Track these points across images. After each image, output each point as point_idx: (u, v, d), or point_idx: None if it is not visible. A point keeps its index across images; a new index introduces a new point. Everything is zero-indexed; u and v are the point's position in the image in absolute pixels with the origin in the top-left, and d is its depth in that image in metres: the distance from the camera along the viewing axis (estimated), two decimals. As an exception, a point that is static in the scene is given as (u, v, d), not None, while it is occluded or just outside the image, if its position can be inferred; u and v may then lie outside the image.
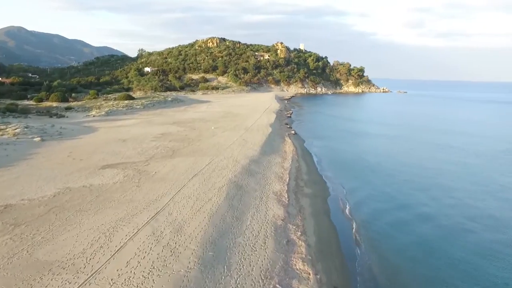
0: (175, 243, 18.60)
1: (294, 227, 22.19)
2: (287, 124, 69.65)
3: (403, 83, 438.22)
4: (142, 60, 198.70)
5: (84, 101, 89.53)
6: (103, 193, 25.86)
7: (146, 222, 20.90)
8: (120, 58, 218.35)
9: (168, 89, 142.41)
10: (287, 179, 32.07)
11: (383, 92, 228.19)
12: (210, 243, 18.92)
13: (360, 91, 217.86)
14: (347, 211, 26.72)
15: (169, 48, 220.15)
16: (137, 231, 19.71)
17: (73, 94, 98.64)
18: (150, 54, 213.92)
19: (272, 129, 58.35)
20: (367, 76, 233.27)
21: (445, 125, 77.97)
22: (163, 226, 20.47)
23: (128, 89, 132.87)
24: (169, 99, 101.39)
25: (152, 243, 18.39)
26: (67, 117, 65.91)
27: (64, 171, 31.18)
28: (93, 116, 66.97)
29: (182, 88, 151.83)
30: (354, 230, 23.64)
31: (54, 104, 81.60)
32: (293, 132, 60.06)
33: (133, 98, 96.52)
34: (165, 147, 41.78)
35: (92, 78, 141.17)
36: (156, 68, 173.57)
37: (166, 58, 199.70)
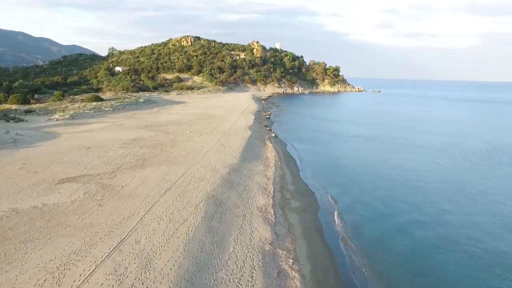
0: (142, 283, 15.09)
1: (284, 253, 19.13)
2: (266, 126, 66.74)
3: (377, 82, 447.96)
4: (113, 59, 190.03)
5: (47, 103, 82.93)
6: (57, 216, 21.82)
7: (107, 255, 17.22)
8: (89, 57, 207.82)
9: (141, 89, 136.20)
10: (272, 191, 29.02)
11: (358, 91, 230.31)
12: (186, 281, 15.54)
13: (336, 90, 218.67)
14: (340, 227, 23.98)
15: (142, 47, 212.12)
16: (94, 268, 16.03)
17: (35, 96, 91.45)
18: (121, 53, 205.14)
19: (252, 132, 55.21)
20: (343, 75, 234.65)
21: (421, 124, 77.66)
22: (128, 260, 16.87)
23: (98, 90, 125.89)
24: (141, 100, 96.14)
25: (112, 286, 14.79)
26: (26, 121, 60.03)
27: (13, 187, 26.73)
28: (56, 120, 61.43)
29: (155, 89, 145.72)
30: (350, 251, 20.87)
31: (14, 106, 74.82)
32: (273, 135, 57.20)
33: (102, 100, 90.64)
34: (135, 155, 37.73)
35: (59, 78, 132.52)
36: (127, 68, 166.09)
37: (138, 57, 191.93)
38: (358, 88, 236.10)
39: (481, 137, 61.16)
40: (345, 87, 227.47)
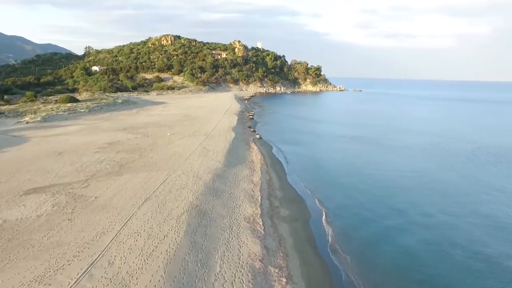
0: (115, 317, 13.02)
1: (276, 271, 17.39)
2: (250, 127, 64.92)
3: (358, 82, 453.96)
4: (90, 59, 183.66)
5: (18, 105, 78.34)
6: (19, 234, 19.34)
7: (75, 282, 15.02)
8: (64, 56, 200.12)
9: (119, 89, 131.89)
10: (259, 198, 27.24)
11: (340, 90, 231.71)
12: (167, 311, 13.57)
13: (318, 90, 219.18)
14: (333, 237, 22.46)
15: (120, 46, 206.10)
16: (59, 300, 13.83)
17: (5, 96, 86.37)
18: (98, 52, 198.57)
19: (235, 133, 53.27)
20: (324, 75, 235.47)
21: (404, 124, 77.76)
22: (100, 287, 14.72)
23: (73, 90, 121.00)
24: (120, 101, 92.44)
25: (79, 322, 12.66)
26: (-7, 124, 56.03)
27: (-30, 201, 23.90)
28: (26, 123, 57.65)
29: (134, 89, 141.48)
30: (345, 265, 19.36)
31: (-20, 108, 70.11)
32: (258, 136, 55.45)
33: (77, 101, 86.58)
34: (111, 161, 35.18)
35: (31, 78, 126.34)
36: (105, 67, 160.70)
37: (116, 56, 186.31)
38: (340, 88, 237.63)
39: (463, 137, 61.40)
40: (326, 87, 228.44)
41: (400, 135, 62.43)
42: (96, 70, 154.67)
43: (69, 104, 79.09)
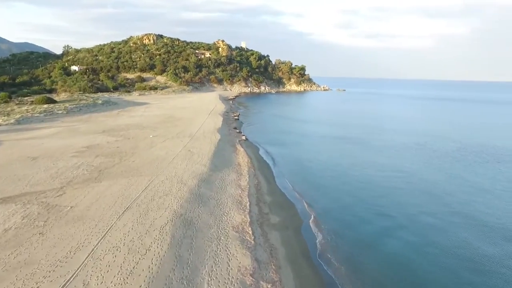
0: None
1: (269, 287, 16.09)
2: (235, 128, 63.48)
3: (341, 81, 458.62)
4: (69, 58, 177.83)
5: (-10, 106, 74.35)
6: (-18, 252, 17.38)
7: (44, 309, 13.32)
8: (42, 55, 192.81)
9: (100, 90, 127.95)
10: (248, 204, 25.90)
11: (324, 90, 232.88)
12: None
13: (302, 89, 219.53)
14: (326, 246, 21.35)
15: (100, 45, 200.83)
16: (25, 331, 12.13)
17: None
18: (77, 51, 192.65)
19: (221, 135, 51.76)
20: (308, 74, 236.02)
21: (390, 123, 77.92)
22: (72, 314, 13.09)
23: (51, 91, 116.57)
24: (100, 101, 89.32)
25: None
26: (-38, 127, 52.69)
27: None
28: (-1, 126, 54.48)
29: (115, 89, 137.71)
30: (341, 277, 18.27)
31: (-51, 110, 66.14)
32: (243, 138, 54.07)
33: (55, 102, 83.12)
34: (90, 166, 33.15)
35: (6, 78, 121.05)
36: (85, 67, 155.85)
37: (96, 55, 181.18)
38: (324, 87, 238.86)
39: (447, 136, 61.71)
40: (311, 86, 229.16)
41: (385, 134, 62.29)
42: (75, 70, 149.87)
43: (45, 106, 75.72)
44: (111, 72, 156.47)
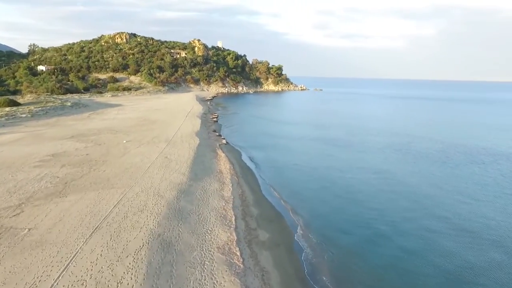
0: None
1: (265, 325, 13.82)
2: (215, 131, 60.81)
3: (318, 81, 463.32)
4: (35, 57, 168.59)
5: None
6: None
7: None
8: (5, 54, 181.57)
9: (69, 91, 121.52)
10: (233, 219, 23.51)
11: (301, 90, 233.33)
12: None
13: (280, 89, 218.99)
14: (322, 265, 19.35)
15: (69, 44, 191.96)
16: None
17: None
18: (45, 50, 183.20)
19: (200, 139, 49.01)
20: (285, 74, 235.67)
21: (371, 123, 77.56)
22: None
23: (16, 92, 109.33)
24: (69, 103, 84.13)
25: None
26: None
27: None
28: (-48, 132, 49.32)
29: (86, 90, 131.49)
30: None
31: None
32: (224, 141, 51.53)
33: (18, 104, 77.39)
34: (54, 178, 29.72)
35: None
36: (53, 67, 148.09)
37: (65, 55, 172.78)
38: (301, 87, 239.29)
39: (430, 136, 61.63)
40: (288, 86, 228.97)
41: (366, 135, 61.48)
42: (42, 70, 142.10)
43: (7, 108, 70.15)
44: (81, 72, 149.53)
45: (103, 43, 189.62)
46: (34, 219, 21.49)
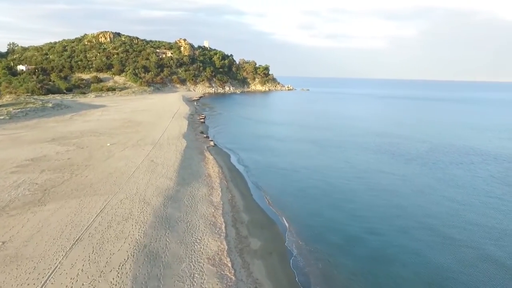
0: None
1: None
2: (202, 132, 59.60)
3: (304, 81, 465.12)
4: (15, 57, 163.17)
5: None
6: None
7: None
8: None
9: (50, 91, 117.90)
10: (223, 226, 22.55)
11: (288, 90, 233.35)
12: None
13: (267, 89, 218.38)
14: (314, 273, 18.61)
15: (51, 43, 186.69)
16: None
17: None
18: (25, 49, 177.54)
19: (187, 141, 47.78)
20: (272, 74, 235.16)
21: (357, 122, 77.54)
22: None
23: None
24: (50, 105, 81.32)
25: None
26: None
27: None
28: None
29: (69, 90, 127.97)
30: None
31: None
32: (212, 143, 50.40)
33: (-4, 105, 74.23)
34: (32, 184, 28.16)
35: None
36: (33, 66, 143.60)
37: (47, 54, 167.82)
38: (288, 87, 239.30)
39: (417, 136, 61.89)
40: (275, 86, 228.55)
41: (355, 136, 61.29)
42: (22, 70, 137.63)
43: (-15, 110, 67.14)
44: (63, 72, 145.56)
45: (86, 42, 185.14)
46: (9, 231, 20.07)
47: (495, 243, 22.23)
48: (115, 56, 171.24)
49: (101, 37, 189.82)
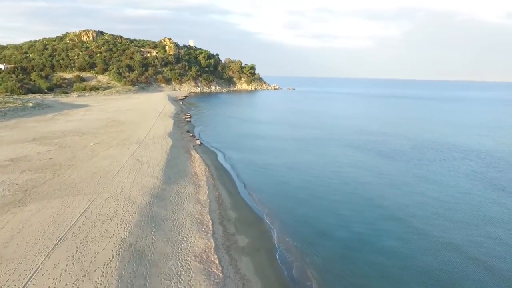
0: None
1: None
2: (188, 131, 59.13)
3: (290, 80, 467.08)
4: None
5: None
6: None
7: None
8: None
9: (31, 91, 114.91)
10: (210, 224, 22.40)
11: (274, 89, 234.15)
12: None
13: (253, 88, 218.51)
14: (303, 268, 18.65)
15: (31, 41, 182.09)
16: None
17: None
18: (3, 47, 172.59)
19: (173, 140, 47.30)
20: (259, 73, 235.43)
21: (344, 121, 78.44)
22: None
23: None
24: (30, 104, 79.22)
25: None
26: None
27: None
28: None
29: (50, 90, 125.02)
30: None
31: None
32: (198, 142, 50.05)
33: (-26, 105, 71.83)
34: (12, 185, 27.34)
35: None
36: (12, 65, 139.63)
37: (26, 53, 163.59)
38: (274, 86, 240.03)
39: (403, 134, 62.96)
40: (261, 85, 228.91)
41: (342, 134, 61.94)
42: (0, 69, 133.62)
43: (-39, 110, 64.90)
44: (44, 72, 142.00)
45: (68, 41, 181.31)
46: (-11, 232, 19.40)
47: (464, 234, 22.86)
48: (98, 55, 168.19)
49: (83, 36, 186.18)
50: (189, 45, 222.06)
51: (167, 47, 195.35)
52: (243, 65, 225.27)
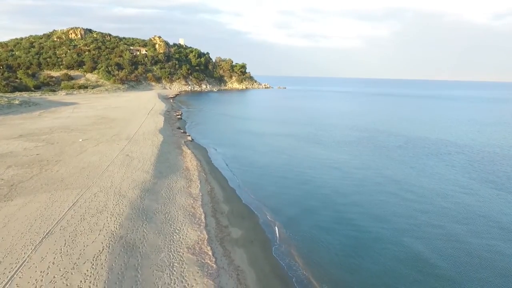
0: None
1: (244, 329, 12.60)
2: (179, 128, 58.48)
3: (281, 80, 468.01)
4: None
5: None
6: None
7: None
8: None
9: (17, 89, 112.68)
10: (203, 217, 22.03)
11: (265, 88, 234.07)
12: None
13: (244, 87, 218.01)
14: (299, 263, 18.41)
15: (17, 39, 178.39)
16: None
17: None
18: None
19: (164, 136, 46.69)
20: (249, 72, 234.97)
21: (334, 119, 78.61)
22: None
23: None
24: (17, 102, 77.52)
25: None
26: None
27: None
28: None
29: (38, 88, 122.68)
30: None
31: None
32: (189, 138, 49.51)
33: (-43, 103, 69.98)
34: (-2, 180, 26.52)
35: None
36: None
37: (12, 50, 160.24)
38: (265, 85, 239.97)
39: (392, 131, 63.34)
40: (252, 84, 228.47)
41: (333, 130, 62.00)
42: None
43: None
44: (31, 70, 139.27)
45: (56, 39, 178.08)
46: (-27, 227, 18.72)
47: (465, 226, 22.90)
48: (87, 53, 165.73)
49: (71, 34, 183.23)
50: (180, 44, 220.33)
51: (157, 46, 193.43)
52: (233, 64, 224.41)
